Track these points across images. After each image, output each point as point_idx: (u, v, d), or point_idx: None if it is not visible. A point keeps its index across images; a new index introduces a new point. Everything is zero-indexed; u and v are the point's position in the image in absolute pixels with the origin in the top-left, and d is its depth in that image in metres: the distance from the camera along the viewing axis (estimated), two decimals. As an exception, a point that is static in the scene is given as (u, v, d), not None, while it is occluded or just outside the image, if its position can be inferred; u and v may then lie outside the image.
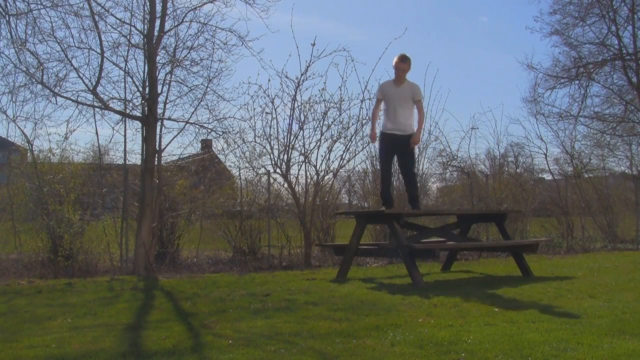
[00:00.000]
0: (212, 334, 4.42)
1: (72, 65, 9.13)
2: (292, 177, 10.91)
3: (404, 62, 7.98)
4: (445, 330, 4.46)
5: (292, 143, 10.67)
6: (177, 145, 23.79)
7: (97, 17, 9.00)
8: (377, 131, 8.29)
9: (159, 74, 9.41)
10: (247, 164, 11.25)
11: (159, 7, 9.35)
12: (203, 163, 11.81)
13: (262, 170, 11.34)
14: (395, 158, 8.35)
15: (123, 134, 9.92)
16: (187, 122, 9.74)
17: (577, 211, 14.06)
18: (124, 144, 10.02)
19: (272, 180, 11.49)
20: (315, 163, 10.89)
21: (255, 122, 12.05)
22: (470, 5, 70.33)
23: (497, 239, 10.87)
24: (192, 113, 9.84)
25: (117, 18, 9.33)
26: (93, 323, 4.98)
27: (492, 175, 13.84)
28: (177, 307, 5.76)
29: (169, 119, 9.78)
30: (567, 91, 17.27)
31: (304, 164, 10.87)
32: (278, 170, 10.81)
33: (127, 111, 9.63)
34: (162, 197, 9.84)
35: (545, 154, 14.81)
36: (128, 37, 9.46)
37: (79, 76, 9.19)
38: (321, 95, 10.90)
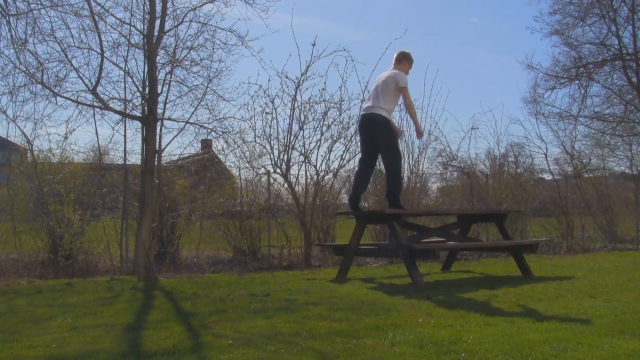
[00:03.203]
0: (212, 334, 4.40)
1: (72, 65, 9.16)
2: (292, 177, 10.94)
3: None
4: (445, 330, 4.45)
5: (292, 143, 10.70)
6: (177, 145, 23.84)
7: (97, 17, 9.00)
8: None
9: (158, 74, 9.40)
10: (247, 164, 11.29)
11: (158, 7, 9.37)
12: (203, 163, 11.83)
13: (262, 170, 11.36)
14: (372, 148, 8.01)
15: (123, 134, 9.91)
16: (187, 122, 9.76)
17: (577, 211, 14.03)
18: (124, 144, 10.02)
19: (272, 180, 11.50)
20: (315, 163, 10.93)
21: (255, 122, 12.08)
22: (462, 5, 70.28)
23: (497, 239, 10.84)
24: (192, 113, 9.86)
25: (117, 18, 9.36)
26: (93, 323, 4.94)
27: (492, 175, 13.83)
28: (177, 307, 5.72)
29: (169, 119, 9.80)
30: (567, 91, 17.32)
31: (304, 164, 10.91)
32: (278, 170, 10.83)
33: (127, 111, 9.62)
34: (162, 197, 9.82)
35: (545, 154, 14.84)
36: (128, 37, 9.48)
37: (79, 76, 9.21)
38: (321, 95, 10.96)
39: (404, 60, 7.98)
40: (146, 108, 9.28)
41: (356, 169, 8.27)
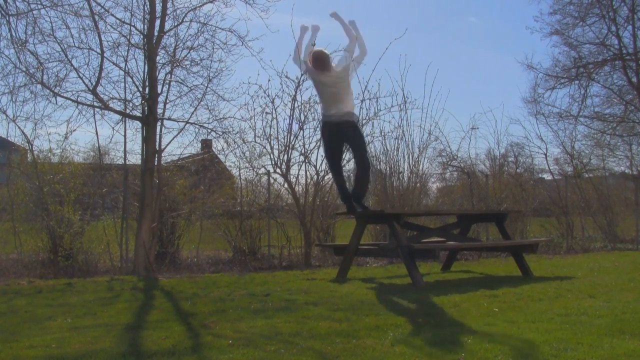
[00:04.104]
0: (212, 334, 4.40)
1: (72, 65, 9.14)
2: (292, 177, 10.94)
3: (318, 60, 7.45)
4: (445, 330, 4.44)
5: (292, 143, 10.69)
6: (177, 145, 23.81)
7: (97, 17, 8.99)
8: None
9: (159, 74, 9.39)
10: (247, 164, 11.29)
11: (159, 7, 9.35)
12: (203, 163, 11.82)
13: (262, 170, 11.36)
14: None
15: (123, 134, 9.90)
16: (187, 122, 9.74)
17: (577, 211, 14.01)
18: (124, 144, 10.01)
19: (272, 180, 11.50)
20: (315, 163, 10.92)
21: (255, 122, 12.09)
22: (459, 5, 69.91)
23: (497, 239, 10.81)
24: (192, 113, 9.84)
25: (117, 18, 9.35)
26: (93, 323, 4.95)
27: (492, 175, 13.83)
28: (177, 307, 5.73)
29: (169, 119, 9.78)
30: (567, 91, 17.26)
31: (304, 164, 10.90)
32: (278, 170, 10.83)
33: (127, 111, 9.61)
34: (162, 197, 9.80)
35: (545, 154, 14.84)
36: (128, 37, 9.46)
37: (79, 76, 9.20)
38: (321, 94, 10.90)
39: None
40: (146, 108, 9.26)
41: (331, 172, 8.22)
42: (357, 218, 8.05)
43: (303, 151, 10.79)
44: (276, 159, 10.73)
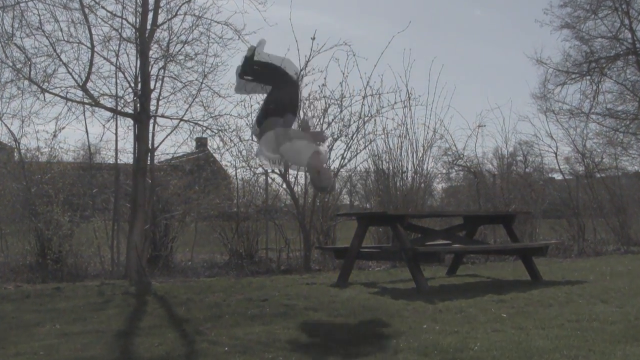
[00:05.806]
0: (207, 341, 4.43)
1: (60, 60, 9.01)
2: (290, 176, 10.75)
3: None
4: (450, 336, 4.43)
5: (292, 142, 10.46)
6: (170, 143, 23.68)
7: (87, 10, 8.86)
8: None
9: (151, 69, 9.24)
10: (244, 164, 11.11)
11: (151, 0, 9.21)
12: (198, 162, 11.79)
13: (260, 169, 11.23)
14: None
15: (114, 132, 9.78)
16: (181, 120, 9.59)
17: (589, 212, 13.85)
18: (115, 142, 9.88)
19: (270, 180, 11.43)
20: (315, 162, 10.69)
21: (252, 120, 11.87)
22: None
23: (505, 242, 10.75)
24: (187, 110, 9.66)
25: (107, 11, 9.20)
26: (83, 329, 4.94)
27: (500, 175, 13.75)
28: (170, 313, 5.74)
29: (162, 116, 9.64)
30: (578, 87, 17.29)
31: (303, 163, 10.67)
32: (276, 169, 10.57)
33: (119, 108, 9.48)
34: (155, 197, 9.73)
35: (556, 153, 14.66)
36: (119, 30, 9.31)
37: (68, 72, 9.07)
38: (321, 91, 10.74)
39: None
40: (138, 105, 9.13)
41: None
42: (358, 220, 7.99)
43: (302, 150, 10.56)
44: (274, 158, 10.52)
